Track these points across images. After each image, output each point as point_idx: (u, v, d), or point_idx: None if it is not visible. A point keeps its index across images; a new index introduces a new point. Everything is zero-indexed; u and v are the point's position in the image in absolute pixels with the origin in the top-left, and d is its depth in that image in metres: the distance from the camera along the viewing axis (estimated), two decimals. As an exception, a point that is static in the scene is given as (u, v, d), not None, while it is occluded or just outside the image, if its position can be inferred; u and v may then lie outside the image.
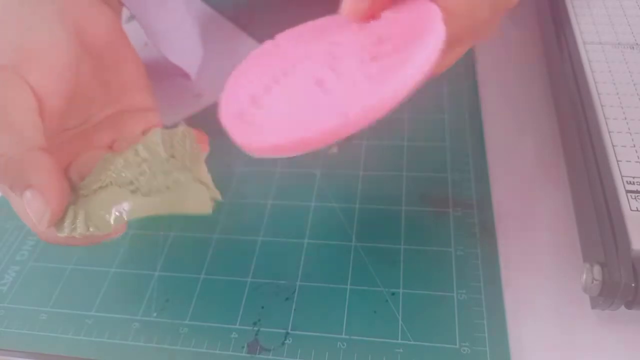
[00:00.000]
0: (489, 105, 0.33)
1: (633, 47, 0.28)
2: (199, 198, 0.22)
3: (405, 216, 0.27)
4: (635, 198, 0.22)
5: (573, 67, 0.28)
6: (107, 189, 0.20)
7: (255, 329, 0.24)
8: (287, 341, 0.24)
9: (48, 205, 0.19)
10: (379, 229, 0.27)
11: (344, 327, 0.24)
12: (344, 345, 0.23)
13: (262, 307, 0.25)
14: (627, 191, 0.22)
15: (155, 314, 0.25)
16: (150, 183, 0.21)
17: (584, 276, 0.21)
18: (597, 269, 0.21)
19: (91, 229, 0.20)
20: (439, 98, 0.33)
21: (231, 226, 0.28)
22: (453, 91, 0.34)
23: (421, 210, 0.28)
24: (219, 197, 0.22)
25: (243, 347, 0.24)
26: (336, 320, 0.24)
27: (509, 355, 0.22)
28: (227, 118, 0.19)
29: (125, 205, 0.20)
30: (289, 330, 0.24)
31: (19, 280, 0.28)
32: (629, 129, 0.24)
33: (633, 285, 0.20)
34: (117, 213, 0.20)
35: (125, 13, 0.33)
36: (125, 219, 0.21)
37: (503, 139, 0.31)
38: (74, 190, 0.21)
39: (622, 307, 0.21)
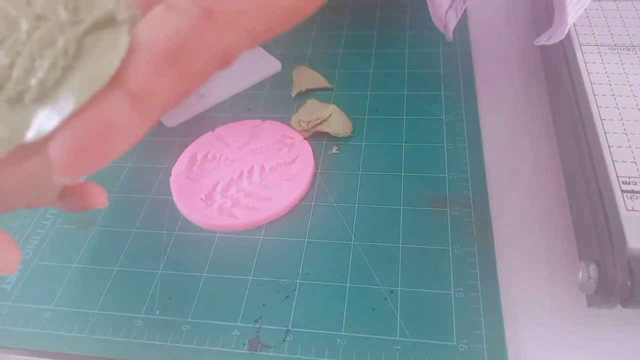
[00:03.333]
0: (486, 106, 0.33)
1: (629, 49, 0.29)
2: (107, 53, 0.11)
3: (403, 215, 0.28)
4: (630, 198, 0.22)
5: (570, 68, 0.28)
6: None
7: (257, 326, 0.24)
8: (287, 338, 0.24)
9: None
10: (377, 227, 0.27)
11: (343, 325, 0.24)
12: (343, 342, 0.23)
13: (263, 305, 0.25)
14: (623, 191, 0.22)
15: (158, 312, 0.26)
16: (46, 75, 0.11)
17: (580, 275, 0.22)
18: (593, 267, 0.21)
19: None
20: (437, 99, 0.34)
21: (232, 225, 0.29)
22: (451, 92, 0.34)
23: (419, 209, 0.28)
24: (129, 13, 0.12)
25: (244, 344, 0.24)
26: (336, 318, 0.24)
27: (506, 353, 0.22)
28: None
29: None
30: (290, 328, 0.24)
31: (22, 278, 0.28)
32: (624, 130, 0.25)
33: (629, 283, 0.20)
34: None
35: None
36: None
37: (500, 140, 0.31)
38: None
39: (618, 306, 0.21)
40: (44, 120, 0.10)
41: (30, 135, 0.11)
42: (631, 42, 0.29)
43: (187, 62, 0.10)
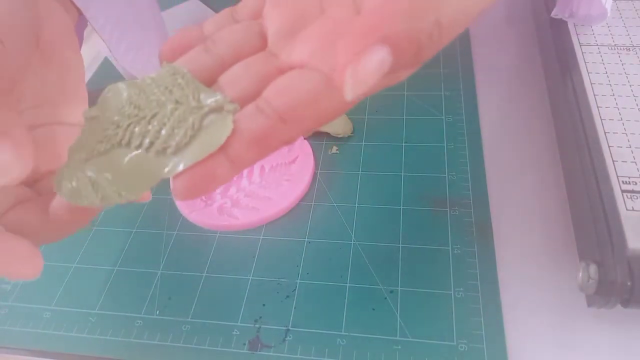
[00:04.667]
0: (486, 107, 0.33)
1: (629, 49, 0.29)
2: (217, 131, 0.17)
3: (403, 215, 0.28)
4: (630, 198, 0.22)
5: (570, 68, 0.28)
6: (119, 150, 0.17)
7: (257, 326, 0.24)
8: (287, 338, 0.24)
9: (18, 156, 0.16)
10: (377, 227, 0.27)
11: (344, 324, 0.24)
12: (343, 341, 0.23)
13: (264, 305, 0.25)
14: (623, 191, 0.22)
15: (158, 312, 0.26)
16: (180, 133, 0.17)
17: (580, 275, 0.22)
18: (593, 267, 0.21)
19: (123, 193, 0.17)
20: (437, 99, 0.34)
21: (232, 225, 0.29)
22: (451, 93, 0.34)
23: (419, 209, 0.28)
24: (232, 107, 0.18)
25: (244, 344, 0.24)
26: (336, 318, 0.24)
27: (506, 352, 0.22)
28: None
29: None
30: (290, 327, 0.24)
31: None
32: (624, 130, 0.25)
33: (629, 283, 0.20)
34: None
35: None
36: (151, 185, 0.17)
37: (500, 140, 0.31)
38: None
39: (618, 306, 0.21)
40: (175, 165, 0.16)
41: (166, 173, 0.16)
42: (631, 42, 0.29)
43: (265, 144, 0.16)
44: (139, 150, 0.17)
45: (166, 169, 0.16)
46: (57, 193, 0.18)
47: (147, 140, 0.17)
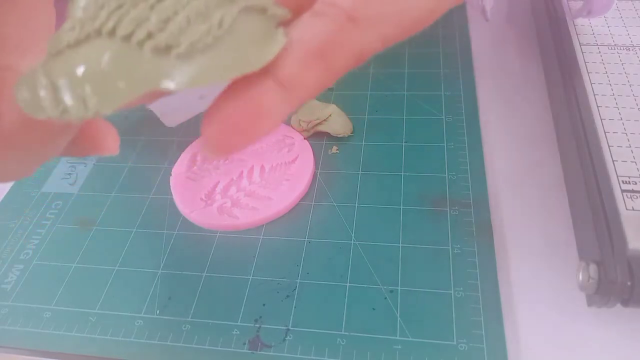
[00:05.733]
0: (486, 106, 0.33)
1: (629, 49, 0.29)
2: (259, 41, 0.12)
3: (403, 215, 0.28)
4: (630, 197, 0.22)
5: (569, 68, 0.28)
6: (97, 41, 0.12)
7: (257, 325, 0.24)
8: (287, 337, 0.24)
9: None
10: (378, 227, 0.27)
11: (344, 324, 0.24)
12: (343, 341, 0.23)
13: (264, 305, 0.25)
14: (623, 190, 0.22)
15: (158, 312, 0.26)
16: (192, 30, 0.12)
17: (580, 274, 0.22)
18: (593, 267, 0.21)
19: (91, 102, 0.11)
20: (437, 98, 0.34)
21: (232, 225, 0.29)
22: (451, 92, 0.34)
23: (419, 209, 0.28)
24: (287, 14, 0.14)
25: (245, 344, 0.24)
26: (336, 317, 0.24)
27: (506, 352, 0.22)
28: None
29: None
30: (290, 327, 0.24)
31: (23, 278, 0.28)
32: (624, 130, 0.25)
33: (629, 283, 0.20)
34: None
35: None
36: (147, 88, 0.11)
37: (500, 139, 0.31)
38: None
39: (618, 305, 0.21)
40: (182, 75, 0.11)
41: (167, 84, 0.11)
42: (631, 42, 0.29)
43: (331, 58, 0.12)
44: (128, 44, 0.11)
45: (165, 77, 0.11)
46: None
47: (142, 31, 0.11)
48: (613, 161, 0.23)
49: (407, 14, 0.13)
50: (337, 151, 0.32)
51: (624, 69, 0.28)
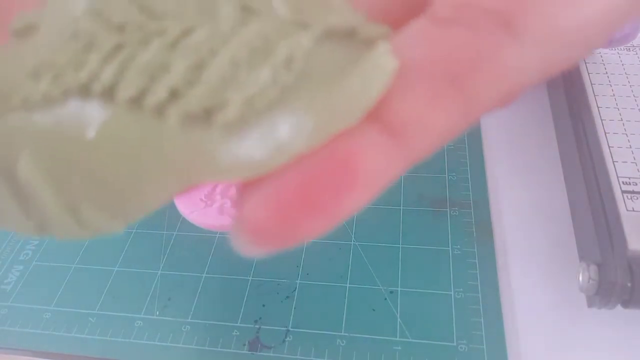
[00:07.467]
0: (488, 107, 0.33)
1: (629, 49, 0.29)
2: (351, 76, 0.08)
3: (403, 215, 0.28)
4: (631, 198, 0.22)
5: (570, 69, 0.28)
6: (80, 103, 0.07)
7: (257, 326, 0.24)
8: (287, 338, 0.24)
9: None
10: (377, 228, 0.27)
11: (344, 325, 0.24)
12: (343, 342, 0.23)
13: (263, 306, 0.25)
14: (623, 191, 0.22)
15: (157, 312, 0.26)
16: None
17: (581, 275, 0.22)
18: (593, 268, 0.21)
19: (90, 214, 0.07)
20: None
21: (232, 226, 0.29)
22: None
23: (419, 209, 0.28)
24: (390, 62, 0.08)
25: (244, 345, 0.24)
26: (336, 318, 0.24)
27: (506, 353, 0.22)
28: None
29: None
30: (290, 328, 0.24)
31: (22, 279, 0.28)
32: (625, 130, 0.25)
33: (629, 284, 0.20)
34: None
35: None
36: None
37: (500, 140, 0.31)
38: None
39: (619, 306, 0.21)
40: (239, 158, 0.07)
41: (212, 175, 0.07)
42: (632, 42, 0.29)
43: (472, 86, 0.08)
44: (138, 111, 0.07)
45: (208, 165, 0.07)
46: None
47: (161, 88, 0.07)
48: (613, 162, 0.23)
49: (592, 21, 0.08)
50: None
51: (624, 69, 0.28)
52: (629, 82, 0.27)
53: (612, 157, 0.23)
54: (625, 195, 0.22)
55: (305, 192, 0.07)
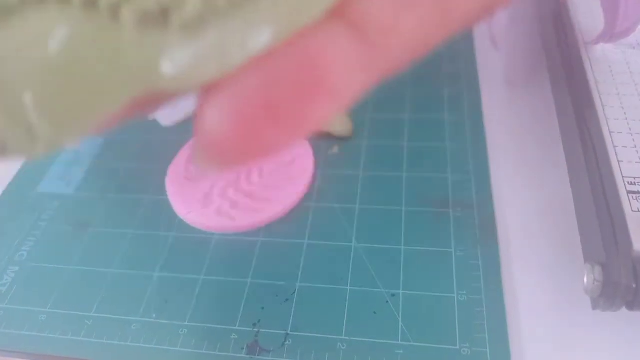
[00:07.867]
0: (490, 107, 0.33)
1: (634, 47, 0.28)
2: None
3: (405, 217, 0.27)
4: (636, 199, 0.22)
5: (574, 67, 0.28)
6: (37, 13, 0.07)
7: (255, 330, 0.24)
8: (287, 342, 0.23)
9: None
10: (379, 229, 0.27)
11: (344, 328, 0.24)
12: (344, 346, 0.23)
13: (262, 308, 0.25)
14: (629, 192, 0.22)
15: (154, 315, 0.25)
16: None
17: (585, 277, 0.21)
18: (598, 269, 0.21)
19: (42, 127, 0.07)
20: (440, 98, 0.33)
21: (231, 227, 0.28)
22: (454, 91, 0.34)
23: (421, 210, 0.27)
24: None
25: (243, 348, 0.23)
26: (336, 322, 0.24)
27: (510, 356, 0.22)
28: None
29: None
30: (289, 332, 0.24)
31: (18, 281, 0.28)
32: (630, 130, 0.24)
33: (634, 286, 0.20)
34: None
35: None
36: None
37: (504, 140, 0.31)
38: None
39: (624, 308, 0.21)
40: (195, 60, 0.06)
41: (169, 82, 0.06)
42: (636, 40, 0.29)
43: None
44: (93, 14, 0.06)
45: (166, 60, 0.07)
46: None
47: None
48: (618, 162, 0.23)
49: None
50: (338, 151, 0.31)
51: (629, 67, 0.27)
52: (633, 80, 0.26)
53: (617, 157, 0.23)
54: (630, 195, 0.22)
55: (266, 97, 0.06)
